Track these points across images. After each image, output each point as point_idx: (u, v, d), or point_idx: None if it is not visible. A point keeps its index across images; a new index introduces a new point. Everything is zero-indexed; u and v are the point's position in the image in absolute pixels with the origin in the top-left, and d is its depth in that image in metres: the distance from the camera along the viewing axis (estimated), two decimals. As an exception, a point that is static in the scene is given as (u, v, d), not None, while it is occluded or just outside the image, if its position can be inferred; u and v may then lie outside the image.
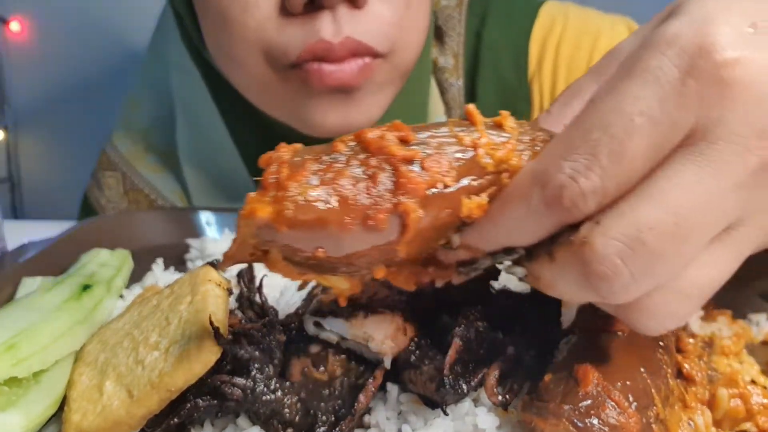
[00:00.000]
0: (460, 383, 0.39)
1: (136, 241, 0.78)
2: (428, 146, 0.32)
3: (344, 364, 0.44)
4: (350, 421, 0.40)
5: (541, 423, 0.36)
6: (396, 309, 0.45)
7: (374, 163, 0.31)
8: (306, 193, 0.30)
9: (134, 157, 0.98)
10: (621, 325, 0.41)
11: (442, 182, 0.31)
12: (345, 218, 0.30)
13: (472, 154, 0.32)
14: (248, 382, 0.40)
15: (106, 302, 0.56)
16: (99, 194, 0.99)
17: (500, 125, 0.34)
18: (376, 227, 0.30)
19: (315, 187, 0.30)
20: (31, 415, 0.41)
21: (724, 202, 0.30)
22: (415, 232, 0.31)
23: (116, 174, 0.97)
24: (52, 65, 1.93)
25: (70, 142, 1.93)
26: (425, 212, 0.31)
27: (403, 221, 0.30)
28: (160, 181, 0.96)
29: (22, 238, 0.72)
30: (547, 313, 0.47)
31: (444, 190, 0.31)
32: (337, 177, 0.30)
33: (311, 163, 0.31)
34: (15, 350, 0.43)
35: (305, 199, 0.30)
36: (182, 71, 0.90)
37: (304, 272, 0.34)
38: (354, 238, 0.30)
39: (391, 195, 0.30)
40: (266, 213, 0.30)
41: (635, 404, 0.36)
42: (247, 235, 0.32)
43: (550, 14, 0.93)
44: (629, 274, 0.29)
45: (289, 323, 0.48)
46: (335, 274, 0.34)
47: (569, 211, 0.30)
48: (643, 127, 0.29)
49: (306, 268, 0.33)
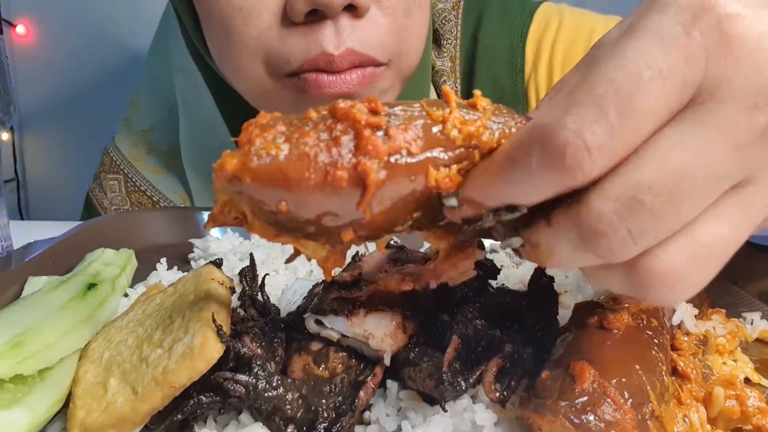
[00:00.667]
0: (458, 380, 0.39)
1: (140, 240, 0.79)
2: (397, 118, 0.33)
3: (345, 362, 0.45)
4: (351, 417, 0.40)
5: (539, 419, 0.36)
6: (396, 307, 0.46)
7: (340, 128, 0.32)
8: (270, 148, 0.32)
9: (136, 158, 0.98)
10: (617, 323, 0.42)
11: (407, 150, 0.32)
12: (304, 173, 0.31)
13: (440, 128, 0.33)
14: (250, 379, 0.41)
15: (110, 301, 0.56)
16: (101, 196, 0.99)
17: (474, 105, 0.34)
18: (334, 183, 0.31)
19: (280, 144, 0.32)
20: (36, 412, 0.41)
21: (728, 161, 0.29)
22: (375, 193, 0.32)
23: (118, 176, 0.98)
24: (57, 68, 1.94)
25: (75, 143, 1.94)
26: (387, 176, 0.32)
27: (363, 182, 0.31)
28: (161, 182, 0.97)
29: (28, 238, 0.72)
30: (545, 311, 0.48)
31: (408, 158, 0.32)
32: (302, 137, 0.32)
33: (281, 124, 0.33)
34: (20, 348, 0.44)
35: (267, 152, 0.32)
36: (185, 73, 0.91)
37: (279, 234, 0.35)
38: (315, 195, 0.32)
39: (352, 156, 0.32)
40: (232, 165, 0.32)
41: (631, 401, 0.36)
42: (221, 189, 0.34)
43: (545, 15, 0.93)
44: (626, 231, 0.28)
45: (290, 321, 0.48)
46: (310, 239, 0.36)
47: (572, 172, 0.27)
48: (652, 81, 0.27)
49: (280, 229, 0.35)
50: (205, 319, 0.42)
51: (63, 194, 1.27)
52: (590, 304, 0.45)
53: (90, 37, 1.89)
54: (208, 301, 0.45)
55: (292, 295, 0.57)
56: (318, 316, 0.45)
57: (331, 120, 0.33)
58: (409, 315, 0.46)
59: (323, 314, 0.45)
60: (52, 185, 2.01)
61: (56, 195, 1.97)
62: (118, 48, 1.83)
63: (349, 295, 0.47)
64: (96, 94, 1.88)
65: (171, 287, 0.50)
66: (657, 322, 0.43)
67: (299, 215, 0.33)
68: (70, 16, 1.90)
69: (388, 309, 0.45)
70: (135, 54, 1.74)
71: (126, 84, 1.10)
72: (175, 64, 0.93)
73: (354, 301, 0.45)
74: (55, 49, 1.93)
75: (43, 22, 1.93)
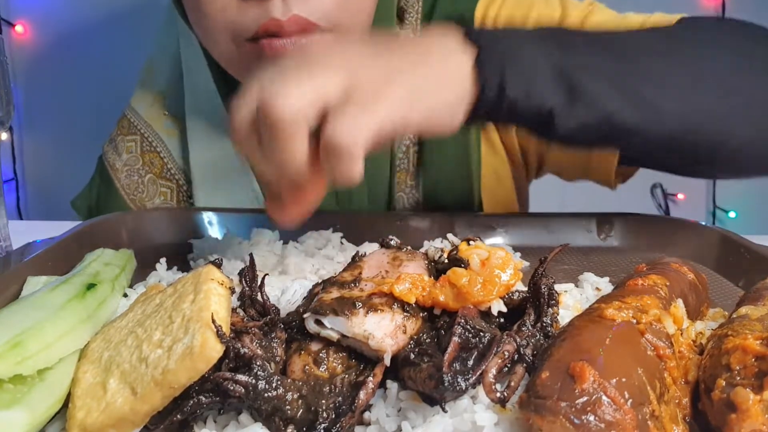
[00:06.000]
0: (458, 380, 0.39)
1: (139, 240, 0.79)
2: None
3: (345, 362, 0.45)
4: (351, 417, 0.40)
5: (539, 420, 0.36)
6: (396, 307, 0.46)
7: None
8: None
9: (153, 118, 1.02)
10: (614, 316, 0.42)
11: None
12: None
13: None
14: (250, 380, 0.41)
15: (110, 301, 0.56)
16: (114, 158, 1.02)
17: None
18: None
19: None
20: (35, 412, 0.41)
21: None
22: None
23: (135, 137, 1.02)
24: (57, 68, 1.94)
25: (74, 143, 1.93)
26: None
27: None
28: (174, 144, 1.00)
29: (27, 238, 0.72)
30: (544, 311, 0.48)
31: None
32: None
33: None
34: (20, 348, 0.43)
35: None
36: (186, 38, 0.96)
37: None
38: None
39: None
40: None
41: (631, 401, 0.36)
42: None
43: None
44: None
45: (290, 321, 0.48)
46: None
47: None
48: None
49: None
50: (205, 319, 0.42)
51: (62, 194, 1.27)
52: (590, 306, 0.45)
53: (90, 37, 1.89)
54: (207, 301, 0.45)
55: (292, 295, 0.57)
56: (318, 316, 0.45)
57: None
58: (409, 315, 0.46)
59: (323, 314, 0.45)
60: (52, 185, 2.00)
61: (56, 195, 1.96)
62: (118, 48, 1.83)
63: (349, 295, 0.47)
64: (96, 94, 1.88)
65: (170, 287, 0.50)
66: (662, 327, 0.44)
67: None
68: (70, 15, 1.90)
69: (388, 309, 0.45)
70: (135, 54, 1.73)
71: (126, 84, 1.10)
72: (180, 29, 0.98)
73: (354, 301, 0.45)
74: (55, 49, 1.93)
75: (42, 21, 1.93)
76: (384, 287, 0.47)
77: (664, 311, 0.46)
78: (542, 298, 0.48)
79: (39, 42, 1.95)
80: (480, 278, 0.46)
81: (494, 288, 0.46)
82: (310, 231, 0.79)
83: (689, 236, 0.79)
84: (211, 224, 0.85)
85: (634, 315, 0.44)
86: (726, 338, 0.43)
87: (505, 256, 0.48)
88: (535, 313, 0.48)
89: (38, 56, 1.94)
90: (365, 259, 0.55)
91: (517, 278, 0.48)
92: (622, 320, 0.43)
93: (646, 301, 0.46)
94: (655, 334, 0.43)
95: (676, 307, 0.48)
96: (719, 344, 0.43)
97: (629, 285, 0.51)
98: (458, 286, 0.46)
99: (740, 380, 0.38)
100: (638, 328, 0.43)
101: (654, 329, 0.43)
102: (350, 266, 0.54)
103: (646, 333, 0.42)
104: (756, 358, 0.39)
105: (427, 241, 0.78)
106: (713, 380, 0.40)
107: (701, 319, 0.54)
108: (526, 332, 0.46)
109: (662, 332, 0.43)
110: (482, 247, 0.51)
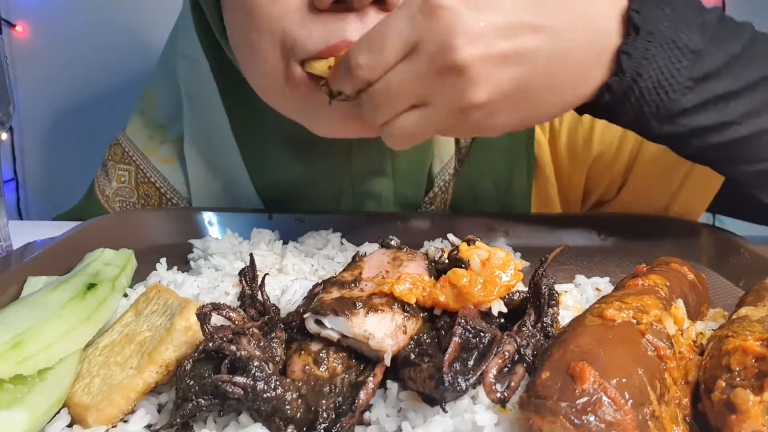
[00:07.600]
0: (458, 381, 0.39)
1: (140, 240, 0.79)
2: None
3: (345, 362, 0.45)
4: (351, 417, 0.40)
5: (539, 420, 0.36)
6: (396, 307, 0.46)
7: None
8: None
9: (149, 149, 0.97)
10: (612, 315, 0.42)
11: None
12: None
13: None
14: (248, 381, 0.41)
15: (110, 301, 0.56)
16: (104, 183, 0.98)
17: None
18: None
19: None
20: (36, 412, 0.41)
21: (417, 87, 0.54)
22: None
23: (129, 168, 0.97)
24: (57, 68, 1.94)
25: (74, 143, 1.93)
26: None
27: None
28: (172, 172, 0.96)
29: (27, 238, 0.72)
30: (544, 312, 0.48)
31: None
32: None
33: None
34: (20, 348, 0.43)
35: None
36: (189, 61, 0.90)
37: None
38: None
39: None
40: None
41: (631, 401, 0.36)
42: None
43: None
44: (378, 108, 0.57)
45: (290, 321, 0.48)
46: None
47: (354, 75, 0.55)
48: (393, 38, 0.53)
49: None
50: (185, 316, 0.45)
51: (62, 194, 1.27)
52: (591, 306, 0.45)
53: (90, 37, 1.89)
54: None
55: (292, 295, 0.57)
56: (318, 316, 0.45)
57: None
58: (409, 315, 0.46)
59: (323, 314, 0.45)
60: (52, 185, 2.00)
61: (56, 195, 1.96)
62: (118, 49, 1.83)
63: (349, 295, 0.47)
64: (96, 94, 1.88)
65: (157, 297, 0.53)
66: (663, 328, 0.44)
67: None
68: (70, 15, 1.90)
69: (388, 309, 0.45)
70: (135, 54, 1.73)
71: (126, 84, 1.10)
72: (181, 51, 0.93)
73: (354, 301, 0.45)
74: (55, 49, 1.93)
75: (42, 21, 1.93)
76: (384, 287, 0.47)
77: (665, 312, 0.46)
78: (542, 299, 0.48)
79: (39, 42, 1.95)
80: (480, 279, 0.46)
81: (495, 288, 0.46)
82: (310, 231, 0.80)
83: (689, 236, 0.79)
84: (211, 224, 0.85)
85: (634, 315, 0.44)
86: (726, 339, 0.43)
87: (505, 257, 0.48)
88: (535, 313, 0.48)
89: (38, 56, 1.94)
90: (365, 259, 0.55)
91: (517, 279, 0.48)
92: (623, 320, 0.43)
93: (646, 301, 0.46)
94: (655, 334, 0.43)
95: (676, 307, 0.48)
96: (719, 345, 0.43)
97: (629, 285, 0.51)
98: (458, 287, 0.46)
99: (740, 381, 0.38)
100: (639, 328, 0.43)
101: (654, 330, 0.43)
102: (350, 266, 0.54)
103: (646, 333, 0.42)
104: (756, 359, 0.39)
105: (428, 241, 0.78)
106: (713, 381, 0.40)
107: (701, 320, 0.54)
108: (527, 332, 0.46)
109: (663, 333, 0.43)
110: (482, 247, 0.51)
